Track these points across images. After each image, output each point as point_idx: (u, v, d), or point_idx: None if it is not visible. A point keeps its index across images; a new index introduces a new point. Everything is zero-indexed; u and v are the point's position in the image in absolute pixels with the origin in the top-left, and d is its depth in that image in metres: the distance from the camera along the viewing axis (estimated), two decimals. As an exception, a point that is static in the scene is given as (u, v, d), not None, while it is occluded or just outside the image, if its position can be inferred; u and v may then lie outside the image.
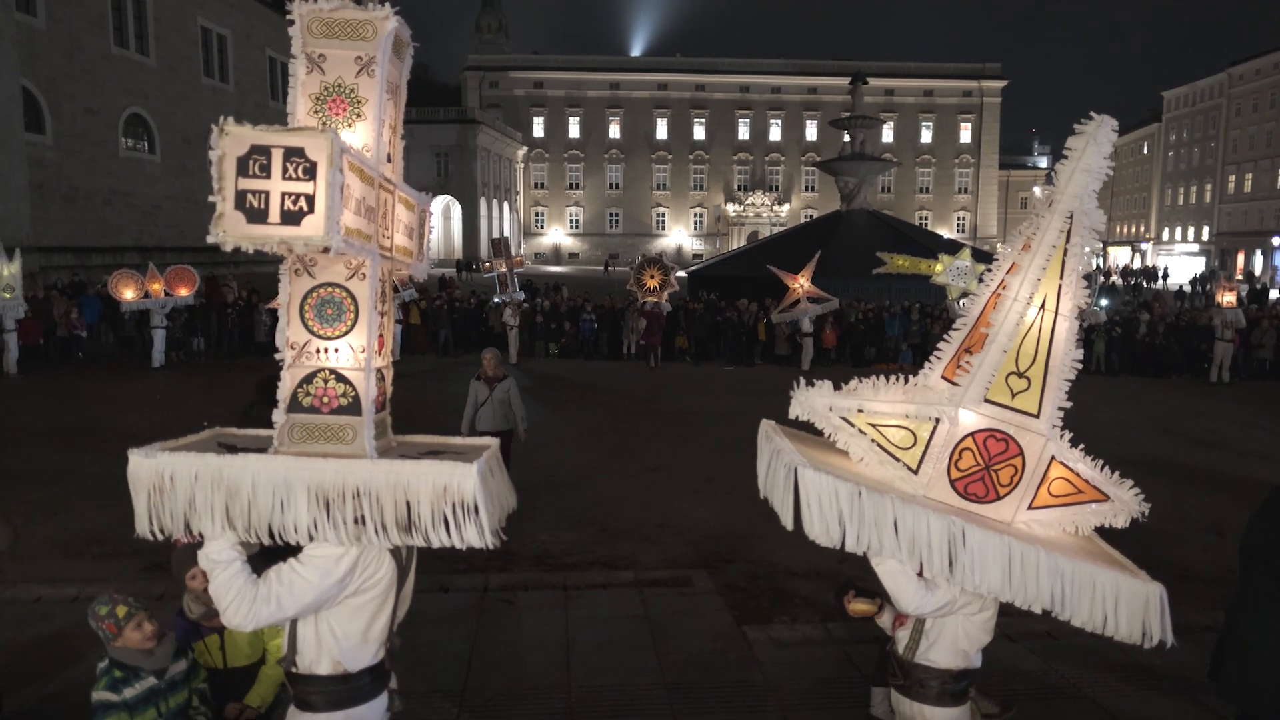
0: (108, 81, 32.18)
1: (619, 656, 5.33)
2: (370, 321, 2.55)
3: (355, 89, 2.52)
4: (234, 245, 2.27)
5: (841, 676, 5.19)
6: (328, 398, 2.53)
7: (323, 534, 2.40)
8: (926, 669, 2.86)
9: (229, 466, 2.40)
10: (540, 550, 7.33)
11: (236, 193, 2.26)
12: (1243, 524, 5.15)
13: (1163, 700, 4.99)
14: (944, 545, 2.56)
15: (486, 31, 78.44)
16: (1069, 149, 2.73)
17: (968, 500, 2.77)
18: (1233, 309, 18.91)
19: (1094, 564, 2.63)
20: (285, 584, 2.43)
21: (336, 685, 2.55)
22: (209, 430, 2.84)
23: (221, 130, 2.27)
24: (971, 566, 2.55)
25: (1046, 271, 2.70)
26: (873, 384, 2.87)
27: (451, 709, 4.63)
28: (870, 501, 2.55)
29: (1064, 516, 2.83)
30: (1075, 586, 2.58)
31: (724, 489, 9.36)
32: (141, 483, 2.40)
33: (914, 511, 2.57)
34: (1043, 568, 2.57)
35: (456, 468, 2.46)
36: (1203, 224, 69.15)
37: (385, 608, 2.62)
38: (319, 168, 2.23)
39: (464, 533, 2.46)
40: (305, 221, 2.24)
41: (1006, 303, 2.73)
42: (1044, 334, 2.72)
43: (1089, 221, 2.71)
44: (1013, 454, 2.75)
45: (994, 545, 2.58)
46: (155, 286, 17.20)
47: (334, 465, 2.42)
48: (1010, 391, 2.74)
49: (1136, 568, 2.73)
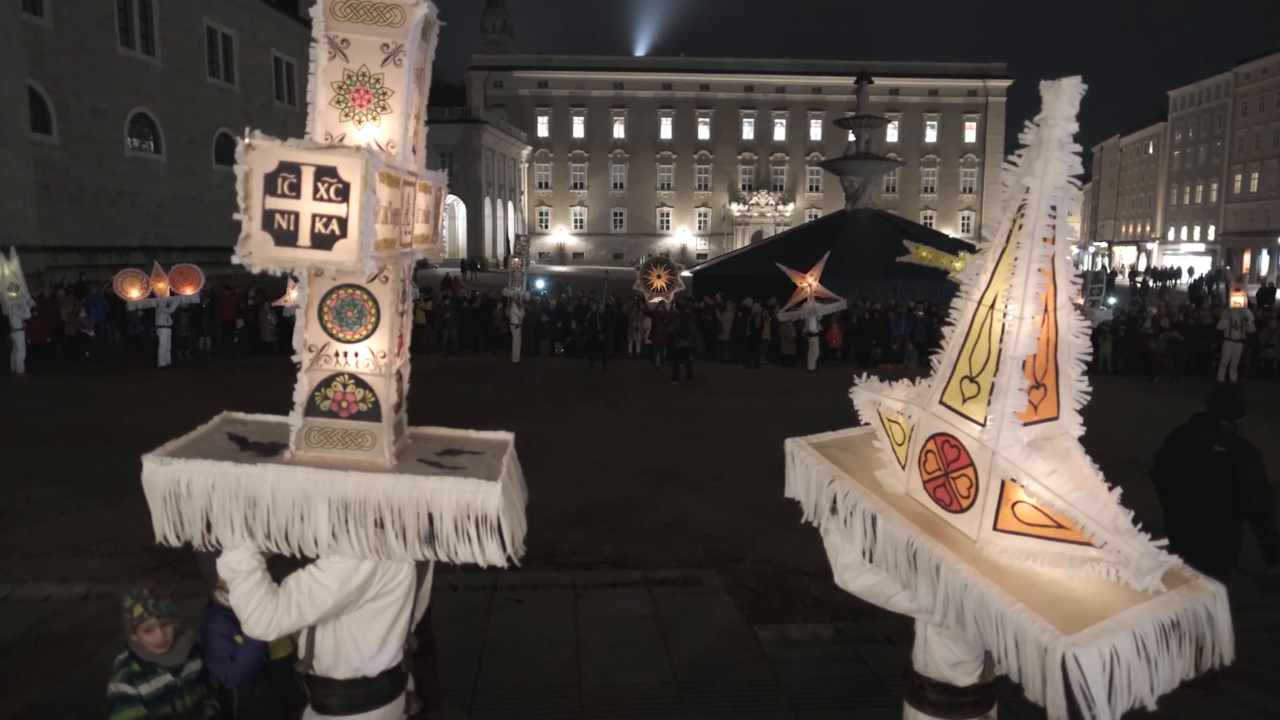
0: (114, 81, 32.25)
1: (629, 656, 5.31)
2: (391, 325, 2.47)
3: (381, 79, 2.36)
4: (261, 268, 2.15)
5: (853, 676, 5.17)
6: (346, 402, 2.46)
7: (343, 547, 2.36)
8: (922, 678, 2.81)
9: (247, 476, 2.34)
10: (548, 549, 7.31)
11: (264, 213, 2.13)
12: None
13: (1169, 699, 4.95)
14: (862, 527, 2.61)
15: (491, 31, 78.49)
16: (1026, 126, 2.35)
17: (938, 505, 2.58)
18: (1240, 309, 18.85)
19: (1000, 592, 2.19)
20: (305, 592, 2.40)
21: (355, 689, 2.53)
22: (218, 418, 2.76)
23: (248, 145, 2.11)
24: (890, 559, 2.52)
25: (996, 272, 2.47)
26: (906, 382, 2.84)
27: (461, 709, 4.61)
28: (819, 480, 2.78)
29: (1040, 550, 2.33)
30: (982, 619, 2.22)
31: (732, 488, 9.34)
32: (157, 490, 2.35)
33: (848, 496, 2.67)
34: (942, 580, 2.30)
35: (480, 486, 2.40)
36: (1209, 223, 68.93)
37: (404, 611, 2.60)
38: (352, 189, 2.12)
39: (486, 550, 2.43)
40: (337, 246, 2.14)
41: (967, 302, 2.57)
42: (994, 337, 2.43)
43: (1042, 205, 2.30)
44: (964, 463, 2.49)
45: (900, 538, 2.47)
46: (160, 285, 17.24)
47: (355, 479, 2.36)
48: (962, 395, 2.52)
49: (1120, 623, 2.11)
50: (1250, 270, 55.64)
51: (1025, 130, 2.36)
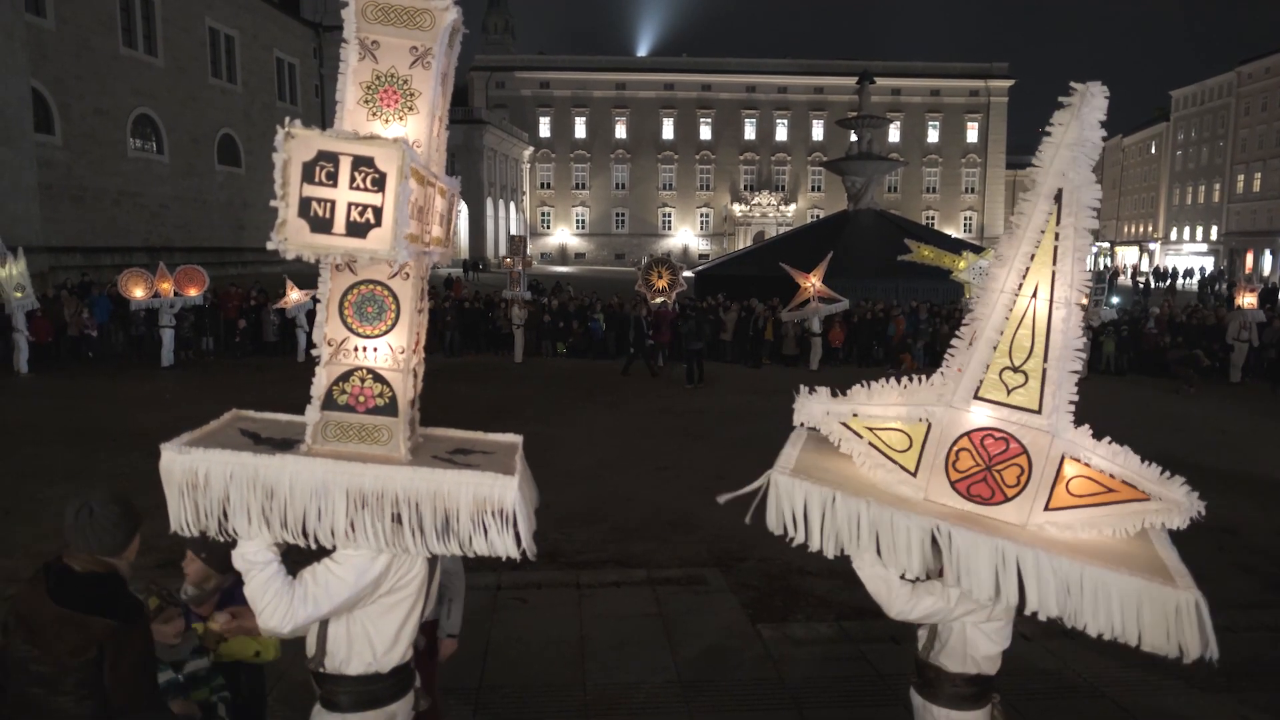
0: (116, 82, 32.32)
1: (634, 654, 5.32)
2: (411, 321, 2.49)
3: (409, 80, 2.41)
4: (295, 254, 2.20)
5: (857, 674, 5.17)
6: (364, 397, 2.47)
7: (360, 539, 2.36)
8: (938, 670, 2.82)
9: (265, 467, 2.34)
10: (552, 548, 7.32)
11: (301, 199, 2.18)
12: (1256, 522, 5.14)
13: (1177, 698, 4.96)
14: (920, 548, 2.50)
15: (493, 32, 78.59)
16: (1053, 124, 2.54)
17: (972, 502, 2.64)
18: (1254, 310, 18.84)
19: (1112, 569, 2.41)
20: (322, 584, 2.40)
21: (366, 685, 2.53)
22: (230, 414, 2.77)
23: (288, 133, 2.17)
24: (960, 569, 2.45)
25: (1035, 258, 2.55)
26: (869, 387, 2.81)
27: (467, 707, 4.62)
28: (843, 507, 2.56)
29: (1093, 517, 2.59)
30: (1085, 592, 2.40)
31: (734, 487, 9.32)
32: (174, 479, 2.34)
33: (890, 515, 2.52)
34: (1043, 571, 2.41)
35: (498, 480, 2.42)
36: (1211, 224, 68.85)
37: (417, 607, 2.61)
38: (389, 180, 2.17)
39: (502, 543, 2.44)
40: (371, 234, 2.19)
41: (993, 294, 2.61)
42: (1039, 324, 2.54)
43: (1082, 199, 2.51)
44: (1015, 453, 2.58)
45: (985, 547, 2.45)
46: (165, 286, 17.27)
47: (373, 471, 2.37)
48: (1005, 388, 2.58)
49: (1180, 573, 2.48)
50: (1253, 270, 55.57)
51: (1053, 128, 2.52)
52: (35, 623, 2.45)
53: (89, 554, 2.55)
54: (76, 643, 2.42)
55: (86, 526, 2.53)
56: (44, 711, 2.43)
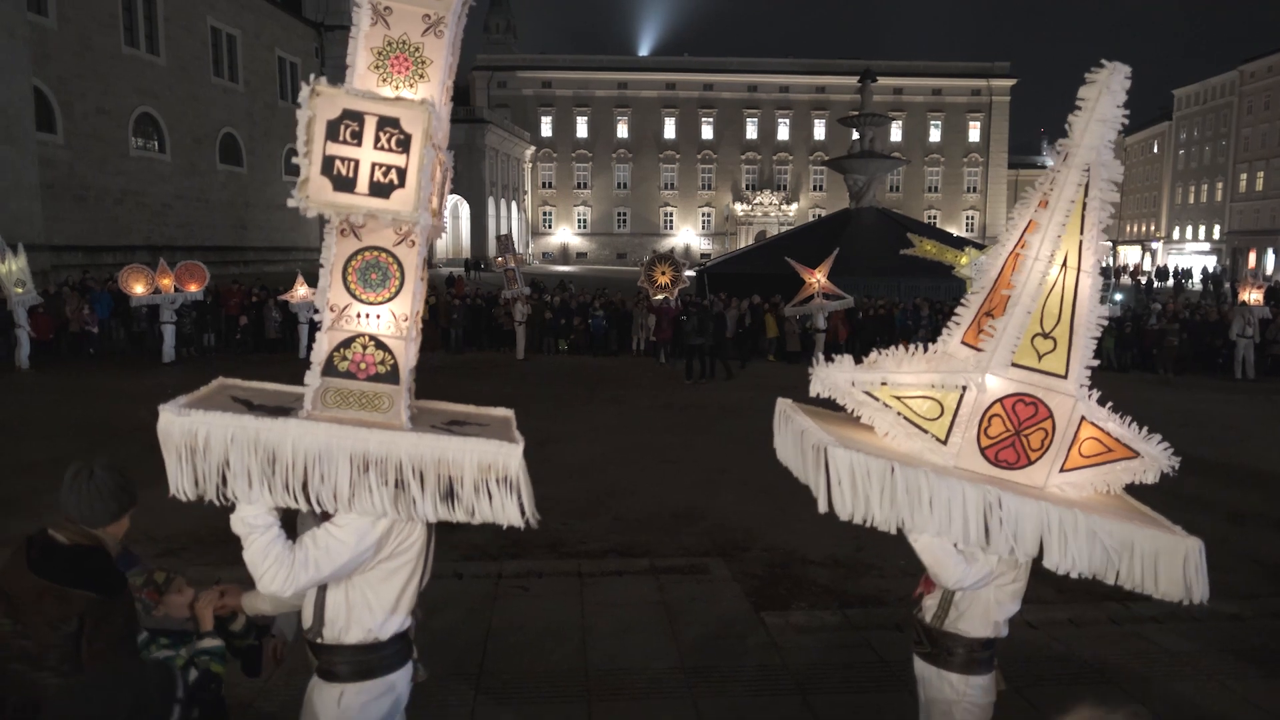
0: (118, 81, 32.35)
1: (637, 641, 5.27)
2: (415, 289, 2.47)
3: (421, 48, 2.39)
4: (317, 212, 2.20)
5: (862, 661, 5.12)
6: (365, 364, 2.44)
7: (362, 503, 2.34)
8: (955, 637, 2.80)
9: (267, 430, 2.30)
10: (554, 538, 7.28)
11: (324, 158, 2.18)
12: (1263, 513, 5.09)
13: (1186, 684, 4.92)
14: (980, 515, 2.49)
15: (495, 31, 78.64)
16: (1082, 99, 2.61)
17: (998, 468, 2.68)
18: (1259, 306, 18.82)
19: (1131, 523, 2.56)
20: (323, 548, 2.37)
21: (365, 654, 2.51)
22: (216, 382, 2.72)
23: (314, 90, 2.17)
24: (1010, 535, 2.48)
25: (1067, 227, 2.61)
26: (894, 356, 2.79)
27: (468, 691, 4.58)
28: (903, 477, 2.48)
29: (1095, 476, 2.74)
30: (1115, 547, 2.52)
31: (738, 480, 9.30)
32: (172, 440, 2.30)
33: (948, 484, 2.50)
34: (1081, 530, 2.50)
35: (502, 447, 2.41)
36: (1214, 223, 68.76)
37: (416, 573, 2.59)
38: (413, 141, 2.17)
39: (505, 510, 2.42)
40: (395, 195, 2.19)
41: (1028, 262, 2.63)
42: (1067, 292, 2.63)
43: (1107, 174, 2.60)
44: (1042, 417, 2.66)
45: (1030, 511, 2.50)
46: (165, 282, 17.26)
47: (378, 435, 2.35)
48: (1036, 353, 2.64)
49: (1170, 524, 2.66)
50: (1256, 268, 55.43)
51: (1082, 103, 2.61)
52: (14, 595, 2.41)
53: (76, 525, 2.51)
54: (55, 614, 2.37)
55: (83, 488, 2.49)
56: (26, 687, 2.39)
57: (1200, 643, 5.41)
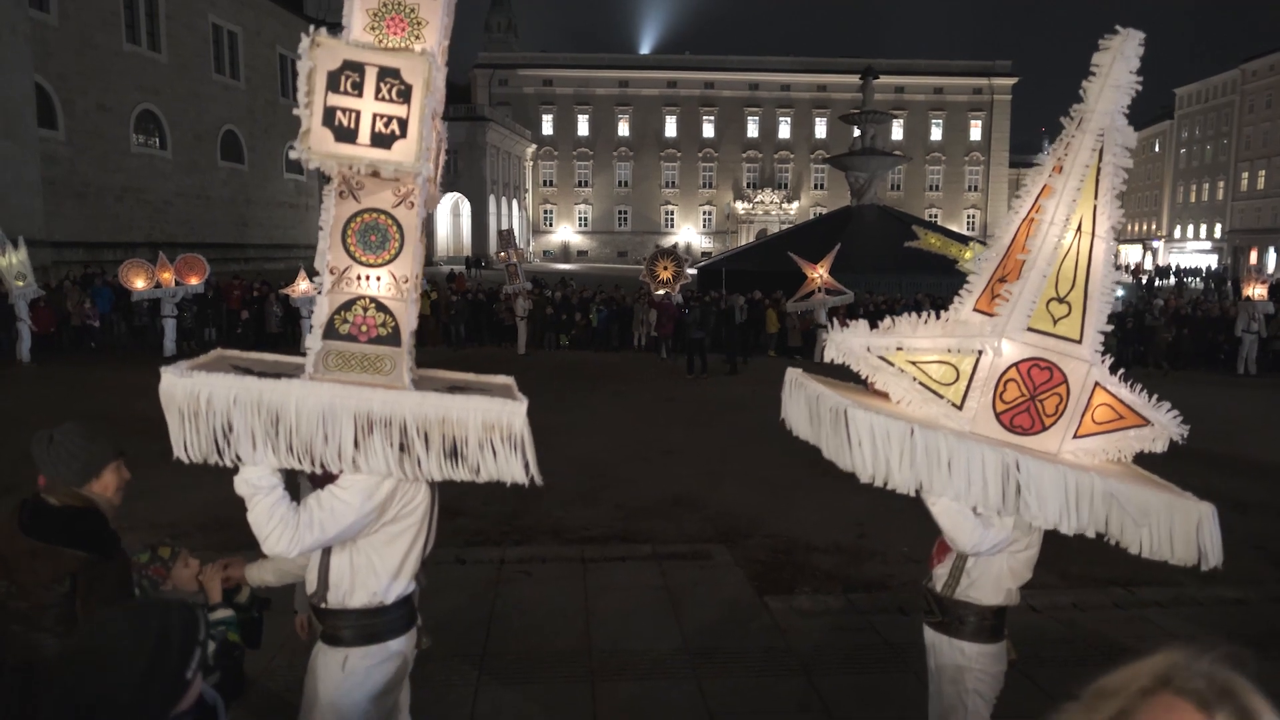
0: (119, 78, 32.33)
1: (640, 624, 5.26)
2: (415, 251, 2.45)
3: (416, 9, 2.38)
4: (318, 163, 2.20)
5: (866, 644, 5.11)
6: (366, 326, 2.43)
7: (366, 463, 2.33)
8: (966, 605, 2.79)
9: (271, 391, 2.29)
10: (556, 525, 7.27)
11: (325, 109, 2.19)
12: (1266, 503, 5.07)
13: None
14: (999, 479, 2.48)
15: (496, 30, 78.54)
16: (1096, 65, 2.61)
17: (1013, 433, 2.67)
18: (1263, 301, 18.79)
19: (1145, 488, 2.55)
20: (327, 509, 2.36)
21: (370, 618, 2.50)
22: (215, 352, 2.72)
23: (314, 41, 2.18)
24: (1030, 499, 2.48)
25: (1081, 192, 2.61)
26: (909, 321, 2.79)
27: (472, 671, 4.57)
28: (922, 439, 2.47)
29: (1107, 443, 2.74)
30: (1132, 510, 2.51)
31: (740, 470, 9.29)
32: (175, 402, 2.29)
33: (967, 446, 2.49)
34: (1098, 495, 2.49)
35: (506, 405, 2.41)
36: (1215, 221, 68.71)
37: (420, 536, 2.57)
38: (414, 91, 2.18)
39: (510, 467, 2.41)
40: (396, 146, 2.20)
41: (1043, 227, 2.62)
42: (1082, 257, 2.63)
43: (1120, 139, 2.61)
44: (1057, 382, 2.65)
45: (1049, 475, 2.49)
46: (165, 275, 17.26)
47: (382, 394, 2.34)
48: (1052, 318, 2.63)
49: (1181, 490, 2.64)
50: (1258, 265, 55.30)
51: (1097, 68, 2.61)
52: (8, 556, 2.42)
53: (65, 487, 2.52)
54: (48, 574, 2.38)
55: (46, 454, 2.53)
56: (24, 647, 2.39)
57: (1204, 627, 5.39)
